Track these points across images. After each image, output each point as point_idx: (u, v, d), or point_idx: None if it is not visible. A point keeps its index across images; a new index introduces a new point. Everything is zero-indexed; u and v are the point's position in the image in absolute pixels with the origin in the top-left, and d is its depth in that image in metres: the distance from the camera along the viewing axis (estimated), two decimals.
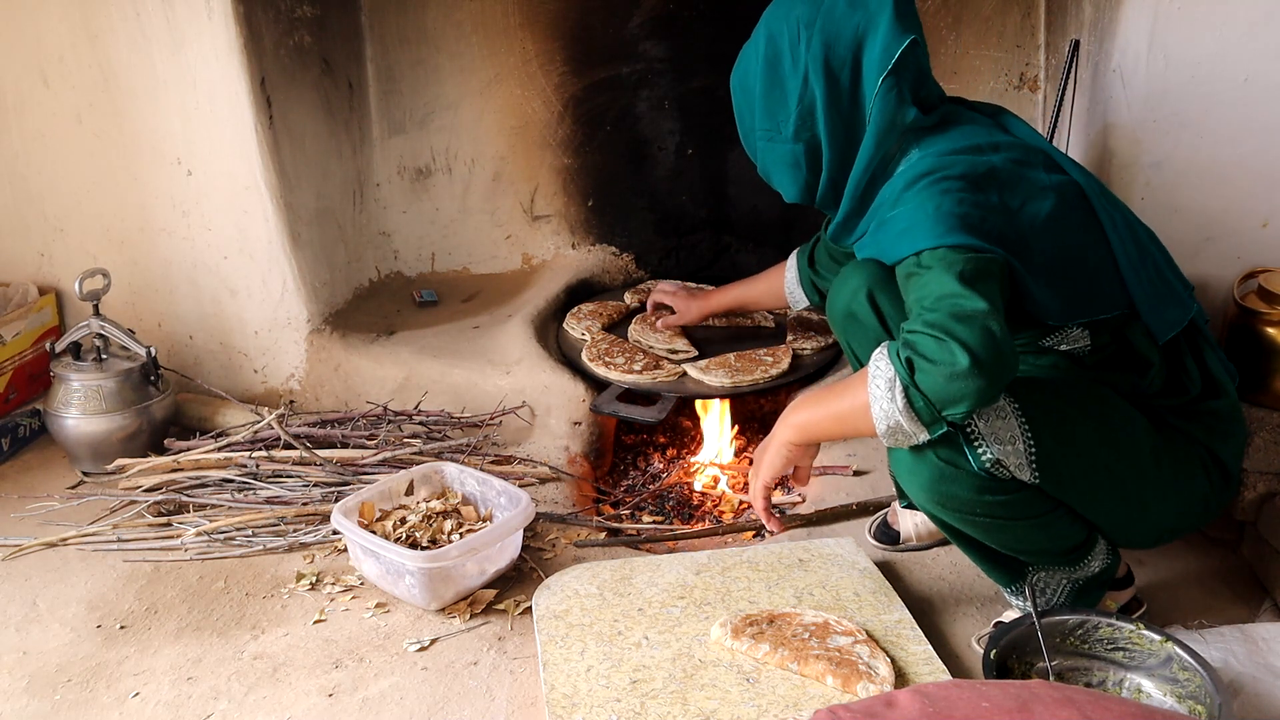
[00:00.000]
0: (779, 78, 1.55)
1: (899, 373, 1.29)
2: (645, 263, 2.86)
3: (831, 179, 1.58)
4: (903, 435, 1.34)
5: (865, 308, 1.71)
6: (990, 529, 1.45)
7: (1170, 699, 1.39)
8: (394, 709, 1.52)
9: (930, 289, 1.32)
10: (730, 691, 1.46)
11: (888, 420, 1.32)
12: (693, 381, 2.23)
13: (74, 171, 2.42)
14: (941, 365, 1.25)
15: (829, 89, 1.51)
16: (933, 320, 1.28)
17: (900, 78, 1.47)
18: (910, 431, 1.32)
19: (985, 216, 1.37)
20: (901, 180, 1.45)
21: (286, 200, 2.38)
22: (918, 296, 1.34)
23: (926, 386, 1.27)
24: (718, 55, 2.67)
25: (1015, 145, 1.50)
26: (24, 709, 1.55)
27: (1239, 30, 1.87)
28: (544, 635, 1.60)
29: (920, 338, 1.28)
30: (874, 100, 1.49)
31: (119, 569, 1.88)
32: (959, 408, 1.27)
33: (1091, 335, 1.48)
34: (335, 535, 1.92)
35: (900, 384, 1.29)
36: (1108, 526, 1.51)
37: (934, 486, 1.41)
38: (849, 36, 1.49)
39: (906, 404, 1.29)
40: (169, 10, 2.22)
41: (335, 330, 2.50)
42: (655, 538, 2.02)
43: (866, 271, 1.73)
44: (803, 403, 1.51)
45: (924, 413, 1.29)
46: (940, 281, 1.31)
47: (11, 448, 2.32)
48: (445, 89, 2.73)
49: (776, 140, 1.59)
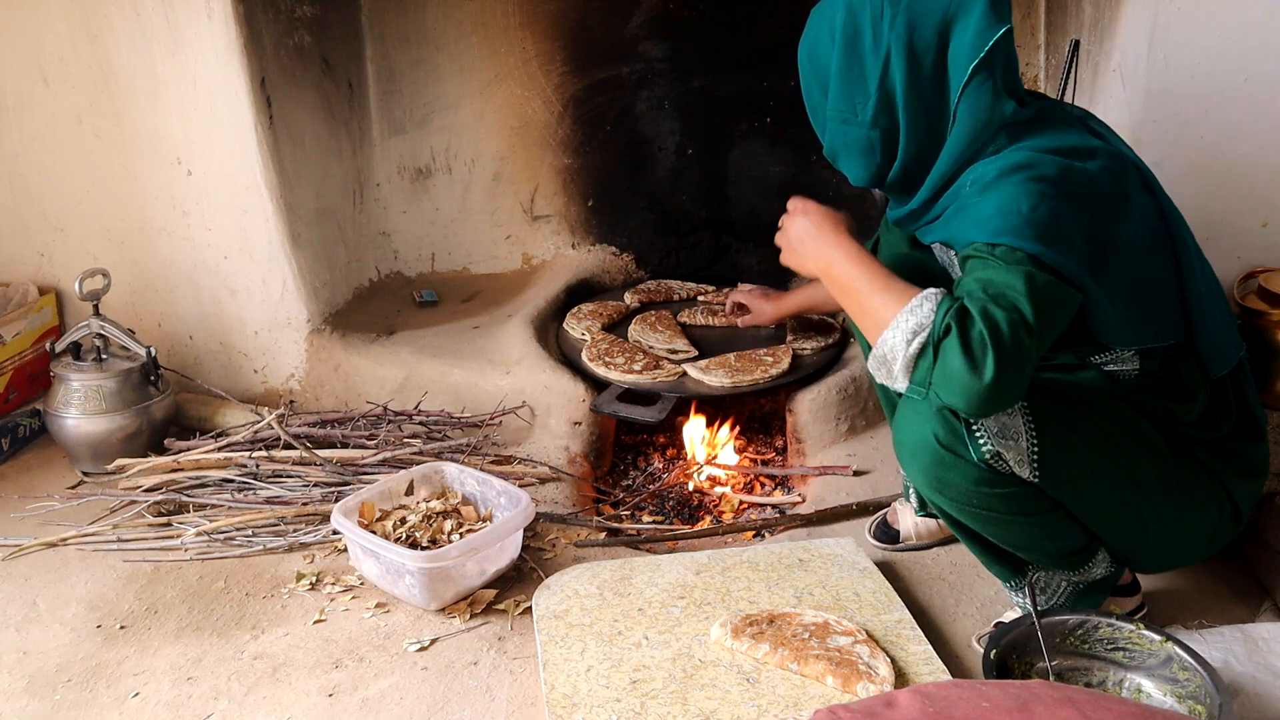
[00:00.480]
0: (858, 56, 1.42)
1: (934, 328, 1.25)
2: (645, 263, 2.86)
3: (906, 167, 1.46)
4: (885, 370, 1.31)
5: None
6: (987, 521, 1.45)
7: (1170, 699, 1.39)
8: (394, 709, 1.52)
9: (1007, 282, 1.25)
10: (730, 691, 1.46)
11: (888, 351, 1.29)
12: (693, 381, 2.23)
13: (74, 171, 2.42)
14: (969, 360, 1.22)
15: (911, 73, 1.39)
16: (999, 317, 1.22)
17: (992, 69, 1.37)
18: (895, 374, 1.30)
19: (1074, 237, 1.29)
20: (994, 168, 1.35)
21: (286, 200, 2.38)
22: (990, 278, 1.27)
23: (944, 361, 1.24)
24: (718, 55, 2.68)
25: (1110, 154, 1.40)
26: (24, 709, 1.55)
27: (1239, 30, 1.87)
28: (544, 635, 1.60)
29: (977, 318, 1.23)
30: (964, 93, 1.38)
31: (119, 569, 1.88)
32: (942, 397, 1.26)
33: (1141, 360, 1.43)
34: (335, 535, 1.92)
35: (925, 338, 1.26)
36: (1108, 539, 1.50)
37: (932, 471, 1.40)
38: (937, 17, 1.37)
39: (914, 357, 1.27)
40: (169, 10, 2.23)
41: (335, 330, 2.50)
42: (655, 538, 2.02)
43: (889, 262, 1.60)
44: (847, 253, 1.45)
45: (919, 373, 1.27)
46: (1016, 286, 1.24)
47: (11, 448, 2.32)
48: (445, 89, 2.73)
49: (851, 123, 1.46)
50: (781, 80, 2.68)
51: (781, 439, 2.38)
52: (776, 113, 2.72)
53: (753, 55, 2.66)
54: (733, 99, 2.72)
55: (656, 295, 2.67)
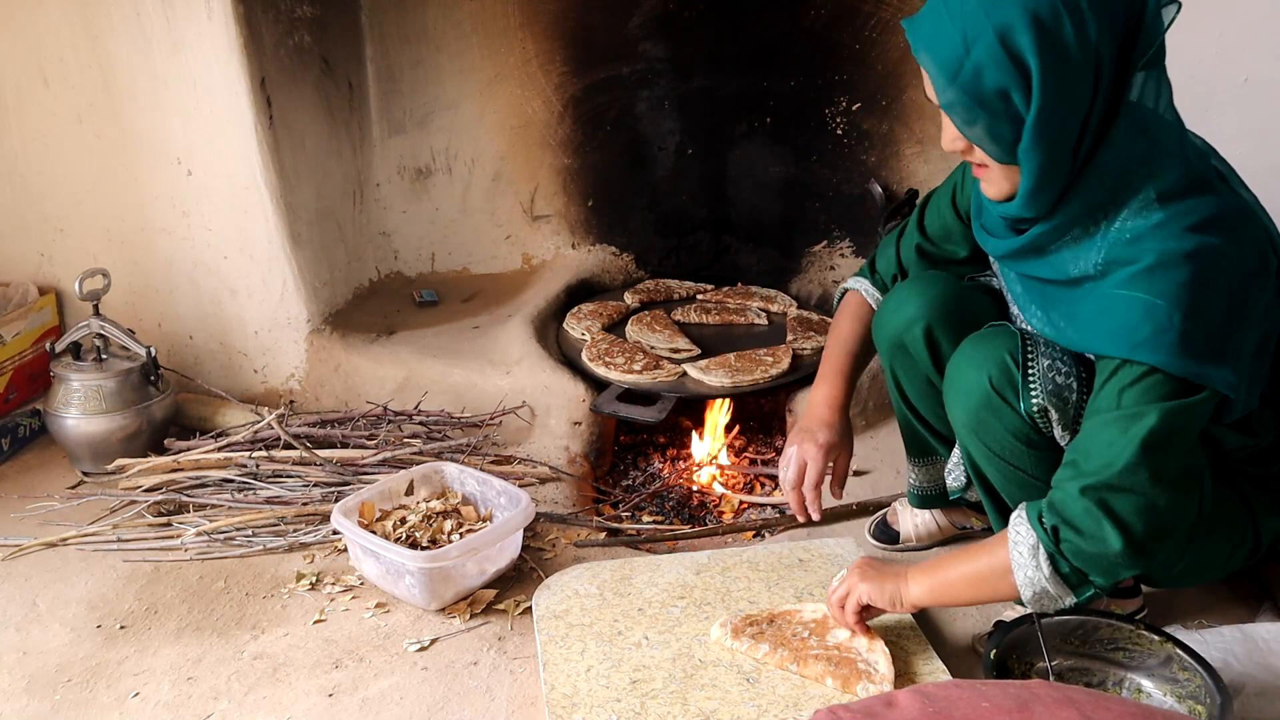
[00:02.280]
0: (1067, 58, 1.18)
1: (1043, 541, 1.25)
2: (645, 263, 2.86)
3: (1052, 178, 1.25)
4: (1049, 600, 1.28)
5: (920, 344, 1.56)
6: (1012, 479, 1.43)
7: (1170, 699, 1.39)
8: (394, 709, 1.52)
9: (1102, 441, 1.21)
10: (730, 691, 1.46)
11: (1033, 587, 1.27)
12: (693, 381, 2.23)
13: (74, 171, 2.42)
14: (1090, 540, 1.21)
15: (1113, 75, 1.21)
16: (1088, 488, 1.21)
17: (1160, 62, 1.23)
18: (1056, 595, 1.27)
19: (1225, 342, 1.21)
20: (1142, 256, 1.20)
21: (286, 200, 2.38)
22: (1087, 444, 1.23)
23: (1074, 556, 1.23)
24: (718, 55, 2.69)
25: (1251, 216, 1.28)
26: (24, 709, 1.55)
27: (1239, 30, 1.87)
28: (544, 635, 1.60)
29: (1070, 505, 1.22)
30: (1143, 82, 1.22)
31: (119, 569, 1.88)
32: (1106, 580, 1.24)
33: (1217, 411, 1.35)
34: (335, 535, 1.92)
35: (1045, 551, 1.25)
36: None
37: (977, 412, 1.38)
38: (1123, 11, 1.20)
39: (1053, 571, 1.25)
40: (169, 10, 2.22)
41: (335, 330, 2.50)
42: (655, 538, 2.02)
43: (927, 299, 1.55)
44: (936, 567, 1.42)
45: (1072, 578, 1.25)
46: (1122, 428, 1.19)
47: (11, 448, 2.32)
48: (445, 89, 2.73)
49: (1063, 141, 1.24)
50: (781, 80, 2.68)
51: (781, 439, 2.38)
52: (776, 113, 2.72)
53: (753, 55, 2.66)
54: (733, 99, 2.72)
55: (656, 295, 2.67)
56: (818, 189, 2.75)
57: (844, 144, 2.69)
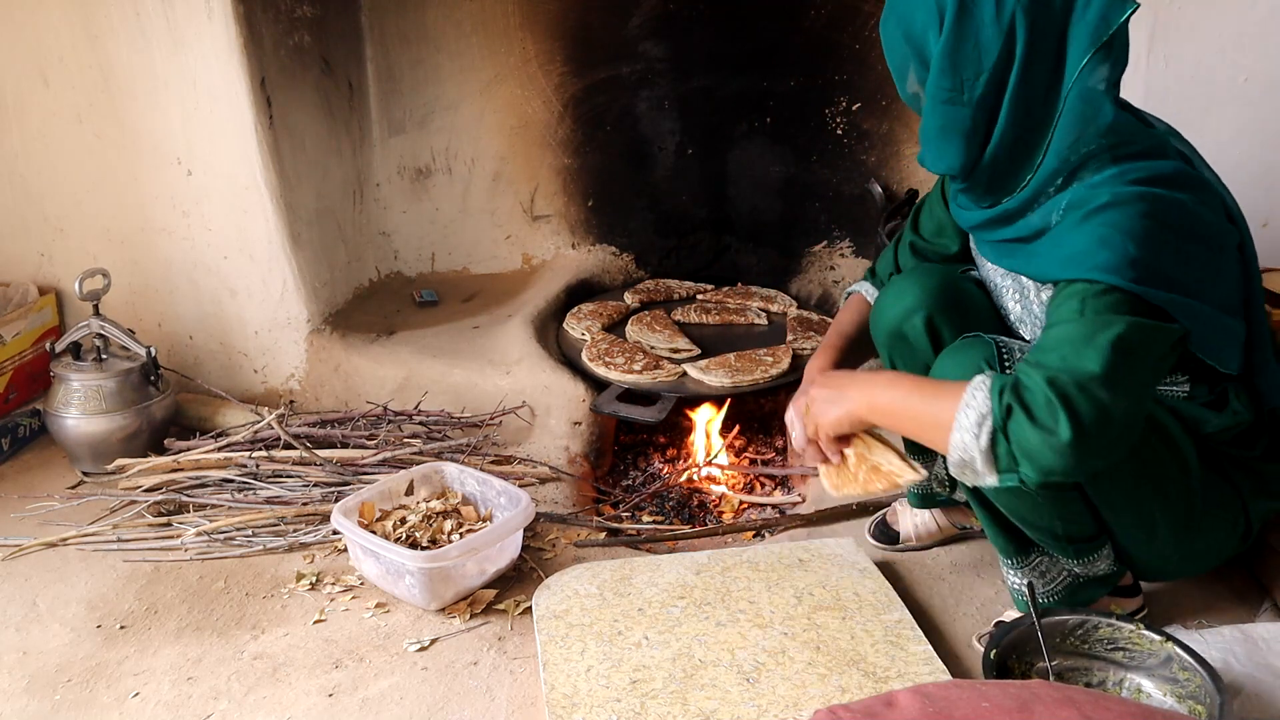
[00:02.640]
0: (974, 27, 1.29)
1: (994, 414, 1.22)
2: (645, 263, 2.86)
3: (997, 157, 1.35)
4: (971, 472, 1.27)
5: (920, 332, 1.55)
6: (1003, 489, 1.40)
7: (1170, 699, 1.39)
8: (394, 709, 1.52)
9: (1071, 334, 1.22)
10: (730, 691, 1.47)
11: (963, 453, 1.25)
12: (693, 381, 2.23)
13: (74, 171, 2.42)
14: (1041, 428, 1.19)
15: (1030, 48, 1.28)
16: (1054, 377, 1.20)
17: (1111, 52, 1.27)
18: (981, 472, 1.26)
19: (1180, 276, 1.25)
20: (1095, 197, 1.27)
21: (286, 200, 2.38)
22: (1056, 337, 1.24)
23: (1016, 438, 1.21)
24: (718, 55, 2.69)
25: (1205, 184, 1.35)
26: (24, 709, 1.55)
27: (1239, 30, 1.87)
28: (544, 635, 1.60)
29: (1033, 390, 1.21)
30: (1079, 77, 1.27)
31: (119, 569, 1.88)
32: (1040, 474, 1.22)
33: (1191, 384, 1.41)
34: (335, 535, 1.92)
35: (991, 425, 1.23)
36: (1120, 536, 1.50)
37: None
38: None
39: (989, 447, 1.23)
40: (169, 10, 2.23)
41: (335, 330, 2.50)
42: (655, 538, 2.02)
43: (926, 289, 1.56)
44: (883, 382, 1.42)
45: (1002, 460, 1.23)
46: (1087, 333, 1.21)
47: (11, 448, 2.32)
48: (445, 89, 2.73)
49: (956, 102, 1.33)
50: (781, 80, 2.68)
51: (781, 439, 2.39)
52: (776, 113, 2.72)
53: (753, 55, 2.66)
54: (733, 99, 2.72)
55: (656, 295, 2.67)
56: (818, 189, 2.75)
57: (844, 144, 2.69)
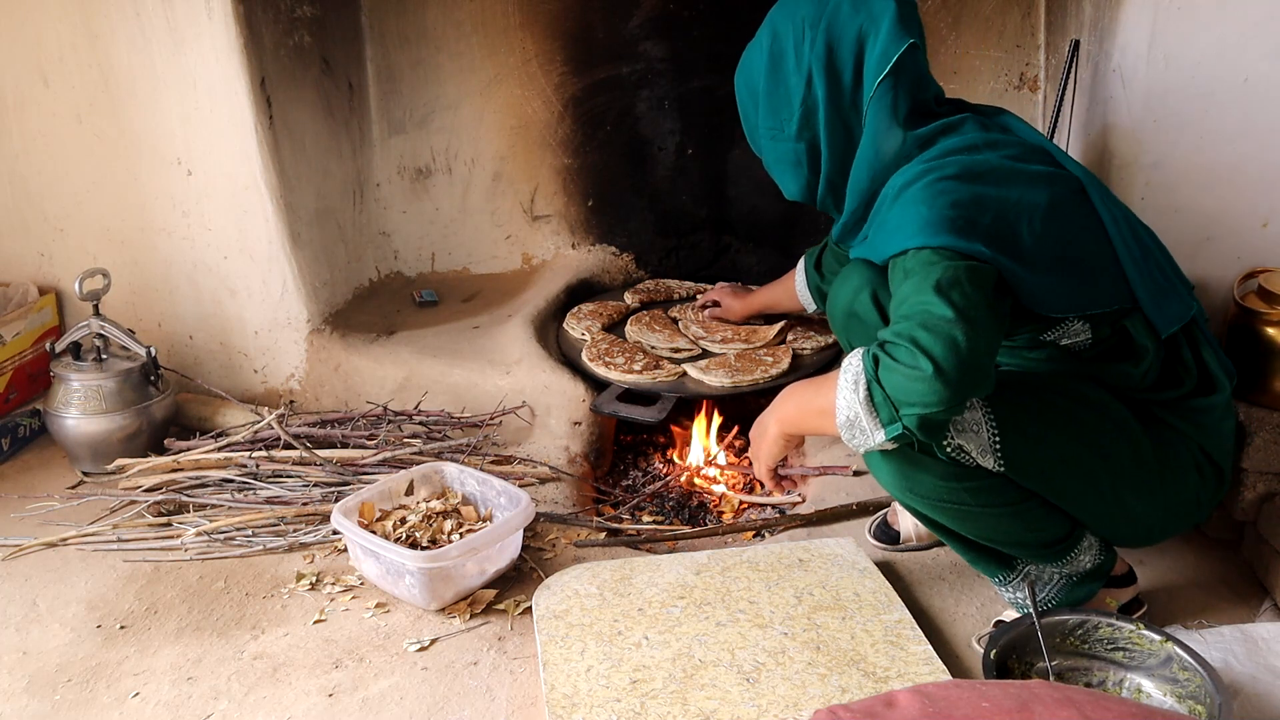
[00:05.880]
0: (782, 76, 1.56)
1: (865, 368, 1.32)
2: (645, 263, 2.86)
3: (830, 180, 1.60)
4: (860, 432, 1.34)
5: (868, 305, 1.75)
6: (962, 517, 1.47)
7: (1170, 699, 1.39)
8: (394, 709, 1.52)
9: (906, 294, 1.34)
10: (730, 691, 1.47)
11: (848, 411, 1.34)
12: (693, 381, 2.23)
13: (74, 171, 2.42)
14: (905, 366, 1.28)
15: (830, 89, 1.52)
16: (902, 329, 1.30)
17: (898, 80, 1.49)
18: (868, 428, 1.33)
19: (975, 217, 1.36)
20: (899, 181, 1.46)
21: (286, 200, 2.38)
22: (896, 302, 1.36)
23: (888, 383, 1.29)
24: (718, 55, 2.68)
25: (1014, 143, 1.51)
26: (24, 709, 1.55)
27: (1239, 30, 1.87)
28: (544, 635, 1.60)
29: (893, 341, 1.31)
30: (870, 102, 1.50)
31: (119, 569, 1.88)
32: (915, 409, 1.28)
33: (1093, 329, 1.49)
34: (335, 535, 1.92)
35: (865, 379, 1.32)
36: (1090, 521, 1.52)
37: (902, 473, 1.44)
38: (852, 38, 1.50)
39: (867, 396, 1.31)
40: (169, 10, 2.23)
41: (335, 330, 2.50)
42: (655, 538, 2.02)
43: (868, 271, 1.76)
44: (791, 393, 1.52)
45: (882, 408, 1.31)
46: (916, 287, 1.32)
47: (11, 448, 2.32)
48: (445, 89, 2.73)
49: (779, 139, 1.60)
50: None
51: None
52: None
53: None
54: (733, 99, 2.70)
55: (656, 295, 2.67)
56: None
57: None
